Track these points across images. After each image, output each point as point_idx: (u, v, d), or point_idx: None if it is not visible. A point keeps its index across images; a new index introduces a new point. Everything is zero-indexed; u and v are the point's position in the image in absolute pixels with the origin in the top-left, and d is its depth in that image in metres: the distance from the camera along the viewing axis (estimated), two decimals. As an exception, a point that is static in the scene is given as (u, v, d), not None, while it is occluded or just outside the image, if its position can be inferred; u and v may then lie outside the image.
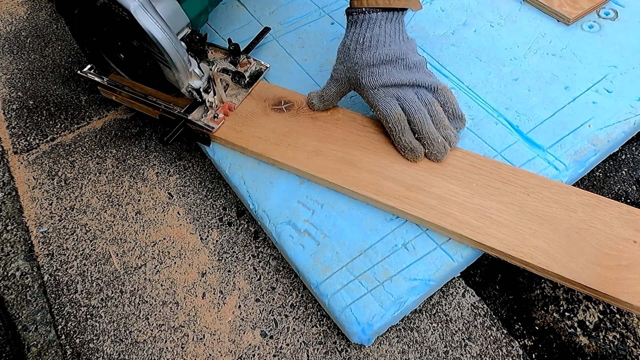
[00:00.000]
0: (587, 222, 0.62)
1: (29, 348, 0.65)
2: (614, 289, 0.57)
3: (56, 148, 0.85)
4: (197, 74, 0.72)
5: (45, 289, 0.70)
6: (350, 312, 0.60)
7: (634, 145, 0.79)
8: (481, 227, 0.63)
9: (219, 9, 0.96)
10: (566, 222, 0.62)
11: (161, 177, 0.80)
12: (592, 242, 0.60)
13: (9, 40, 1.02)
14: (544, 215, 0.63)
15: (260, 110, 0.78)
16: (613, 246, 0.60)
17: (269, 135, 0.74)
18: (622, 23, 0.86)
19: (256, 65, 0.83)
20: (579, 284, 0.58)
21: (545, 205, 0.64)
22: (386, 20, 0.68)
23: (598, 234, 0.61)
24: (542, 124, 0.74)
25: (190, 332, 0.65)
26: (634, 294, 0.56)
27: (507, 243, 0.61)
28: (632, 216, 0.62)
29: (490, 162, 0.69)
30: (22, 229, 0.76)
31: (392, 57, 0.68)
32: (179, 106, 0.78)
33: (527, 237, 0.61)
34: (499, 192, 0.65)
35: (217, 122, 0.76)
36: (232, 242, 0.73)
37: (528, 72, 0.81)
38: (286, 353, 0.63)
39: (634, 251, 0.60)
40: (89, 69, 0.84)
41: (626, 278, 0.58)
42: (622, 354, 0.61)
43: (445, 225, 0.63)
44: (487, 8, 0.91)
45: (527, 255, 0.60)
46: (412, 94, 0.68)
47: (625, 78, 0.79)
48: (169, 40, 0.67)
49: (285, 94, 0.79)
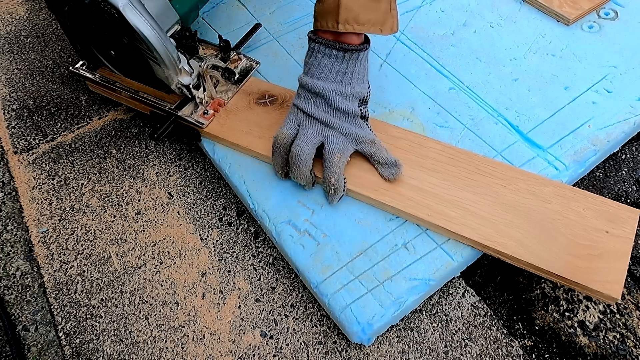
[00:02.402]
0: (561, 213, 0.64)
1: (29, 348, 0.65)
2: (585, 277, 0.59)
3: (56, 148, 0.85)
4: (186, 70, 0.73)
5: (45, 289, 0.70)
6: (350, 312, 0.60)
7: (634, 145, 0.79)
8: (457, 217, 0.64)
9: (219, 9, 0.96)
10: (541, 213, 0.64)
11: (161, 177, 0.80)
12: (565, 232, 0.62)
13: (9, 40, 1.02)
14: (519, 206, 0.64)
15: (245, 105, 0.79)
16: (585, 236, 0.62)
17: (253, 128, 0.76)
18: (622, 23, 0.86)
19: (247, 62, 0.84)
20: (551, 272, 0.60)
21: (521, 197, 0.65)
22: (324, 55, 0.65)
23: (571, 225, 0.63)
24: (542, 124, 0.74)
25: (190, 332, 0.65)
26: (604, 283, 0.58)
27: (482, 233, 0.63)
28: (606, 207, 0.64)
29: (468, 155, 0.70)
30: (22, 229, 0.76)
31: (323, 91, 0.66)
32: (170, 102, 0.78)
33: (502, 228, 0.63)
34: (476, 184, 0.67)
35: (207, 118, 0.77)
36: (232, 242, 0.73)
37: (528, 72, 0.81)
38: (286, 353, 0.63)
39: (605, 241, 0.61)
40: (81, 65, 0.85)
41: (597, 267, 0.59)
42: (622, 354, 0.61)
43: (422, 216, 0.64)
44: (487, 8, 0.91)
45: (501, 245, 0.61)
46: (315, 133, 0.66)
47: (625, 78, 0.79)
48: (157, 37, 0.67)
49: (269, 89, 0.81)
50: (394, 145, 0.71)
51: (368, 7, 0.63)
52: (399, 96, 0.80)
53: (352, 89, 0.66)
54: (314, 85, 0.66)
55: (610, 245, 0.61)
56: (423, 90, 0.80)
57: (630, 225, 0.62)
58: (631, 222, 0.62)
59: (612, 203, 0.64)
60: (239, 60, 0.84)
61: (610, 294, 0.58)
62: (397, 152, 0.70)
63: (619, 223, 0.62)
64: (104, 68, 0.82)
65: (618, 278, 0.59)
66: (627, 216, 0.63)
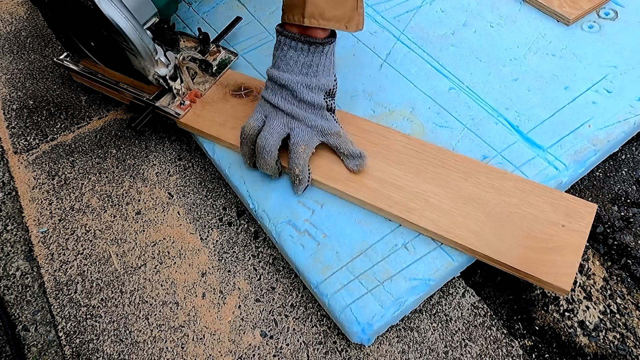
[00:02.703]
0: (520, 206, 0.65)
1: (29, 348, 0.65)
2: (538, 269, 0.60)
3: (56, 148, 0.85)
4: (163, 62, 0.74)
5: (45, 289, 0.70)
6: (350, 312, 0.60)
7: (634, 145, 0.79)
8: (417, 209, 0.65)
9: (219, 9, 0.96)
10: (499, 206, 0.65)
11: (161, 177, 0.80)
12: (522, 225, 0.63)
13: (9, 40, 1.02)
14: (479, 199, 0.66)
15: (221, 96, 0.80)
16: (542, 229, 0.63)
17: (227, 119, 0.77)
18: (622, 23, 0.86)
19: (225, 54, 0.85)
20: (505, 264, 0.61)
21: (481, 190, 0.66)
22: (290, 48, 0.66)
23: (529, 218, 0.64)
24: (542, 124, 0.74)
25: (190, 332, 0.65)
26: (556, 275, 0.59)
27: (440, 225, 0.64)
28: (564, 202, 0.65)
29: (434, 149, 0.71)
30: (22, 229, 0.76)
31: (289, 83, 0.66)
32: (148, 93, 0.80)
33: (460, 220, 0.64)
34: (439, 177, 0.68)
35: (183, 108, 0.78)
36: (232, 242, 0.73)
37: (528, 72, 0.81)
38: (286, 353, 0.63)
39: (561, 235, 0.62)
40: (65, 57, 0.86)
41: (550, 260, 0.60)
42: (622, 354, 0.61)
43: (383, 207, 0.66)
44: (487, 8, 0.91)
45: (458, 236, 0.63)
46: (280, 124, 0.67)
47: (625, 78, 0.79)
48: (132, 29, 0.68)
49: (245, 81, 0.82)
50: (362, 138, 0.72)
51: (334, 4, 0.63)
52: (399, 96, 0.80)
53: (318, 81, 0.67)
54: (280, 77, 0.67)
55: (565, 238, 0.62)
56: (423, 90, 0.80)
57: (587, 220, 0.63)
58: (588, 216, 0.63)
59: (570, 198, 0.65)
60: (218, 52, 0.85)
61: (561, 285, 0.59)
62: (364, 144, 0.71)
63: (576, 217, 0.63)
64: (87, 59, 0.84)
65: (570, 271, 0.60)
66: (585, 211, 0.64)
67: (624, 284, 0.66)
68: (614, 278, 0.67)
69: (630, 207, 0.73)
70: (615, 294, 0.66)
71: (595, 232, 0.71)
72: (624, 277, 0.67)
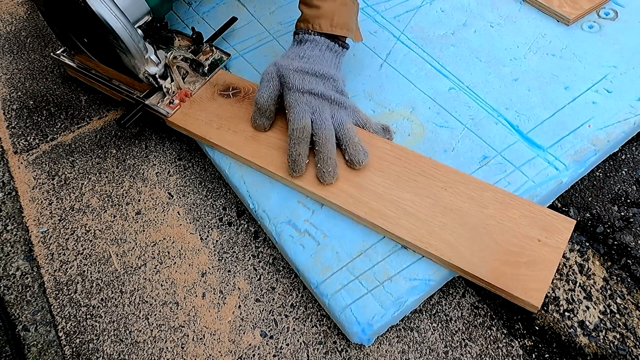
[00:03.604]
0: (497, 218, 0.64)
1: (29, 348, 0.65)
2: (509, 284, 0.59)
3: (56, 148, 0.85)
4: (153, 60, 0.74)
5: (45, 289, 0.70)
6: (350, 312, 0.60)
7: (634, 145, 0.79)
8: (393, 217, 0.65)
9: (219, 9, 0.96)
10: (476, 218, 0.64)
11: (161, 177, 0.80)
12: (498, 238, 0.62)
13: (9, 40, 1.02)
14: (456, 210, 0.65)
15: (209, 96, 0.80)
16: (517, 243, 0.62)
17: (213, 119, 0.77)
18: (622, 23, 0.86)
19: (218, 54, 0.85)
20: (476, 277, 0.60)
21: (460, 200, 0.66)
22: (327, 48, 0.72)
23: (504, 231, 0.63)
24: (542, 124, 0.74)
25: (190, 332, 0.65)
26: (527, 290, 0.58)
27: (415, 234, 0.63)
28: (542, 216, 0.64)
29: (415, 156, 0.70)
30: (22, 229, 0.76)
31: (324, 74, 0.71)
32: (139, 91, 0.80)
33: (436, 230, 0.63)
34: (418, 185, 0.67)
35: (172, 107, 0.78)
36: (232, 242, 0.73)
37: (528, 72, 0.81)
38: (286, 353, 0.63)
39: (535, 249, 0.61)
40: (62, 52, 0.87)
41: (522, 274, 0.59)
42: (622, 354, 0.61)
43: (359, 213, 0.65)
44: (487, 8, 0.91)
45: (432, 246, 0.62)
46: (329, 114, 0.69)
47: (625, 78, 0.79)
48: (122, 26, 0.69)
49: (234, 81, 0.82)
50: None
51: (351, 16, 0.74)
52: (399, 96, 0.80)
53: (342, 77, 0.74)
54: (322, 69, 0.70)
55: (540, 253, 0.61)
56: (423, 90, 0.80)
57: (564, 236, 0.62)
58: (565, 232, 0.62)
59: (549, 212, 0.64)
60: (211, 52, 0.85)
61: (531, 301, 0.58)
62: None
63: (553, 232, 0.62)
64: (82, 54, 0.84)
65: (541, 286, 0.58)
66: (563, 226, 0.63)
67: (624, 284, 0.66)
68: (614, 278, 0.67)
69: (630, 207, 0.73)
70: (615, 294, 0.66)
71: (595, 232, 0.71)
72: (624, 277, 0.67)
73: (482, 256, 0.61)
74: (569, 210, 0.73)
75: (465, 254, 0.61)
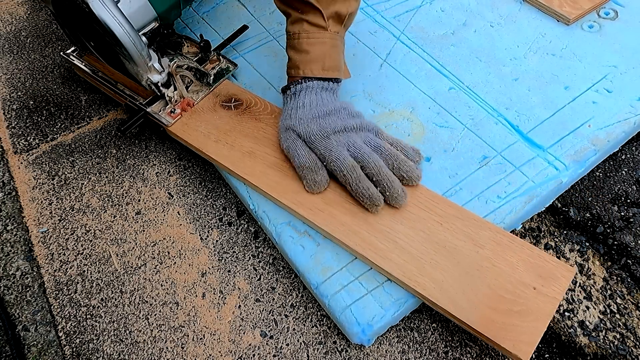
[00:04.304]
0: (492, 260, 0.60)
1: (29, 348, 0.65)
2: (498, 333, 0.55)
3: (56, 148, 0.85)
4: (156, 68, 0.73)
5: (45, 289, 0.70)
6: (350, 313, 0.60)
7: (634, 145, 0.79)
8: (384, 250, 0.62)
9: (218, 9, 0.96)
10: (470, 258, 0.60)
11: (161, 177, 0.80)
12: (491, 282, 0.59)
13: (9, 40, 1.02)
14: (451, 248, 0.61)
15: (210, 107, 0.79)
16: (511, 289, 0.58)
17: (211, 131, 0.75)
18: (622, 23, 0.86)
19: (225, 64, 0.84)
20: (464, 323, 0.57)
21: (455, 237, 0.62)
22: (322, 89, 0.70)
23: (499, 275, 0.59)
24: (542, 124, 0.74)
25: (190, 332, 0.65)
26: (516, 342, 0.55)
27: (404, 270, 0.60)
28: (541, 262, 0.60)
29: (413, 187, 0.67)
30: (22, 229, 0.76)
31: (332, 109, 0.69)
32: (143, 97, 0.79)
33: (426, 267, 0.60)
34: (413, 218, 0.64)
35: (173, 117, 0.77)
36: (232, 242, 0.73)
37: (528, 72, 0.81)
38: (286, 353, 0.63)
39: (530, 298, 0.57)
40: (72, 51, 0.87)
41: (513, 324, 0.56)
42: (622, 354, 0.61)
43: (350, 244, 0.63)
44: (487, 8, 0.91)
45: (420, 285, 0.59)
46: (361, 141, 0.67)
47: (625, 78, 0.79)
48: (125, 33, 0.68)
49: (238, 93, 0.80)
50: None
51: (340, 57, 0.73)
52: (399, 96, 0.80)
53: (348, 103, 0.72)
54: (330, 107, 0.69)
55: (534, 303, 0.57)
56: (423, 90, 0.80)
57: (562, 285, 0.58)
58: (564, 281, 0.58)
59: (549, 258, 0.60)
60: (217, 61, 0.84)
61: (519, 355, 0.54)
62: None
63: (551, 281, 0.58)
64: (90, 55, 0.84)
65: (532, 339, 0.55)
66: (562, 275, 0.59)
67: (624, 284, 0.66)
68: (614, 278, 0.67)
69: (630, 207, 0.73)
70: (615, 294, 0.66)
71: (595, 232, 0.71)
72: (624, 277, 0.67)
73: (472, 301, 0.57)
74: (569, 210, 0.73)
75: (454, 297, 0.58)
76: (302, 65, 0.70)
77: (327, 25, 0.69)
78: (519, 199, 0.67)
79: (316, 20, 0.69)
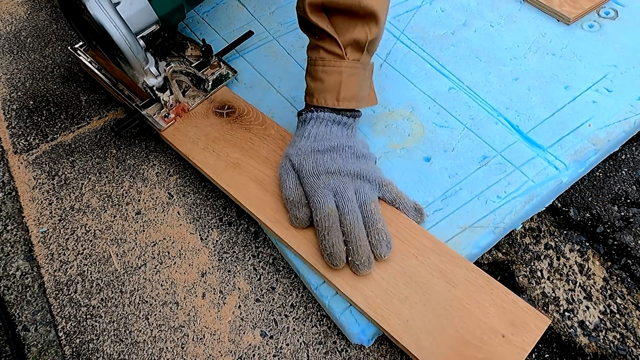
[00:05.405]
0: (464, 301, 0.57)
1: (29, 348, 0.65)
2: None
3: (56, 148, 0.85)
4: (152, 72, 0.73)
5: (45, 289, 0.70)
6: (350, 314, 0.60)
7: (634, 145, 0.79)
8: (352, 279, 0.59)
9: (218, 9, 0.96)
10: (441, 296, 0.58)
11: (161, 177, 0.80)
12: (458, 324, 0.56)
13: (9, 40, 1.02)
14: (422, 283, 0.59)
15: (203, 113, 0.77)
16: (478, 335, 0.55)
17: (200, 138, 0.74)
18: (622, 22, 0.86)
19: (225, 70, 0.82)
20: None
21: (428, 273, 0.59)
22: (333, 122, 0.66)
23: (468, 318, 0.56)
24: (542, 123, 0.74)
25: (190, 332, 0.65)
26: None
27: (370, 302, 0.58)
28: (514, 308, 0.57)
29: (395, 215, 0.64)
30: (22, 229, 0.76)
31: (335, 146, 0.65)
32: (140, 99, 0.79)
33: (394, 302, 0.58)
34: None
35: (167, 121, 0.76)
36: (232, 242, 0.73)
37: (528, 72, 0.81)
38: (286, 353, 0.63)
39: (496, 346, 0.54)
40: (80, 46, 0.87)
41: None
42: (622, 354, 0.61)
43: (319, 268, 0.61)
44: (487, 8, 0.91)
45: (385, 320, 0.57)
46: (351, 191, 0.62)
47: (626, 77, 0.79)
48: (121, 36, 0.67)
49: (232, 100, 0.79)
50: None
51: (363, 87, 0.68)
52: (399, 96, 0.80)
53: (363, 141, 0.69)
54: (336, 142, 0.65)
55: (500, 352, 0.54)
56: (423, 90, 0.80)
57: (533, 336, 0.55)
58: (536, 332, 0.55)
59: (524, 305, 0.57)
60: (218, 66, 0.83)
61: None
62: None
63: (522, 330, 0.55)
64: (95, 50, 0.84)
65: None
66: (535, 325, 0.55)
67: (624, 284, 0.66)
68: (614, 278, 0.67)
69: (630, 207, 0.73)
70: (615, 294, 0.66)
71: (595, 232, 0.71)
72: (624, 277, 0.67)
73: (436, 341, 0.55)
74: (569, 210, 0.73)
75: (418, 335, 0.55)
76: (316, 94, 0.67)
77: (344, 53, 0.65)
78: (519, 199, 0.67)
79: (332, 48, 0.65)
